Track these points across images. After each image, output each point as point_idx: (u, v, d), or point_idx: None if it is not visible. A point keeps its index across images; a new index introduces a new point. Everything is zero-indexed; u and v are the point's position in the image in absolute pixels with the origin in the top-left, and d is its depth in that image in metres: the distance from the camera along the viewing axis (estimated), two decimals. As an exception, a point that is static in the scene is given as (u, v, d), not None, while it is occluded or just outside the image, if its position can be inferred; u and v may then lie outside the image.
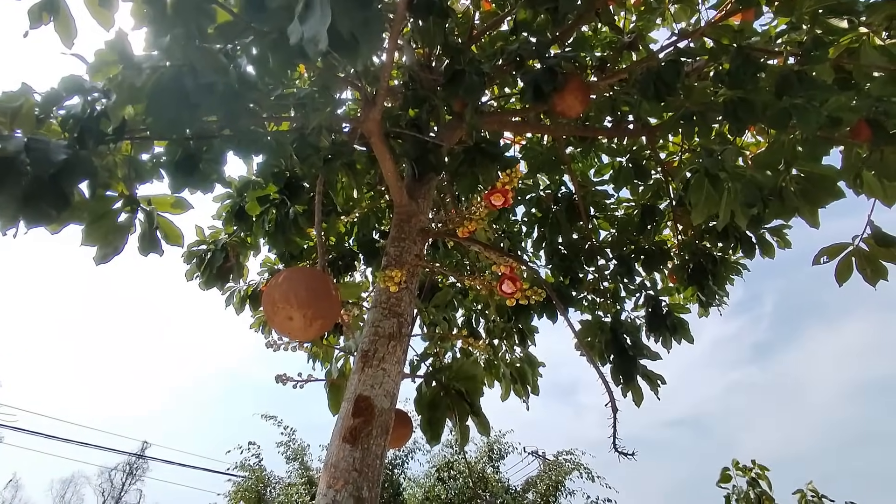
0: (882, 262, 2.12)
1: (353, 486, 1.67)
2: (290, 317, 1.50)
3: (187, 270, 3.07)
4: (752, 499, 4.19)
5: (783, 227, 3.62)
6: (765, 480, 4.30)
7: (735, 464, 4.50)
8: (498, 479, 12.67)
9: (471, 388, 2.27)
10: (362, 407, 1.83)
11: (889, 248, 2.09)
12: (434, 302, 2.56)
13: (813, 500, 4.28)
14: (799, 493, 4.42)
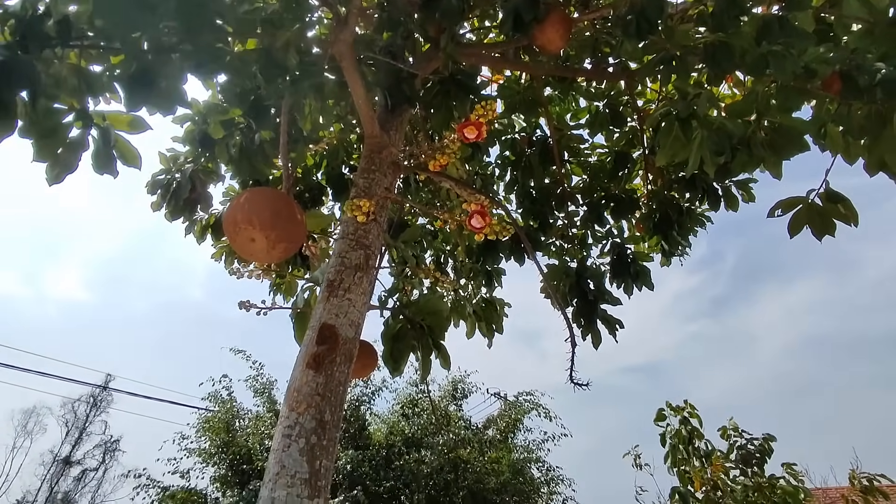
0: (831, 218, 2.19)
1: (316, 410, 1.70)
2: (253, 238, 1.47)
3: (153, 201, 2.95)
4: (683, 435, 4.50)
5: (748, 182, 3.70)
6: (696, 419, 4.61)
7: (669, 405, 4.79)
8: (460, 417, 13.21)
9: (435, 323, 2.30)
10: (326, 335, 1.84)
11: (839, 204, 2.16)
12: (403, 238, 2.54)
13: (733, 435, 4.66)
14: (722, 429, 4.78)
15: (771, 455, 4.45)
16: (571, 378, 2.37)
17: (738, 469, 4.40)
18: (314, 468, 1.62)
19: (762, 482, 4.07)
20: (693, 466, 4.36)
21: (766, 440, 4.48)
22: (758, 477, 4.22)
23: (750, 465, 4.36)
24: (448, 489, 11.75)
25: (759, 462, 4.40)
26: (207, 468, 11.60)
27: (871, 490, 3.95)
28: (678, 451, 4.46)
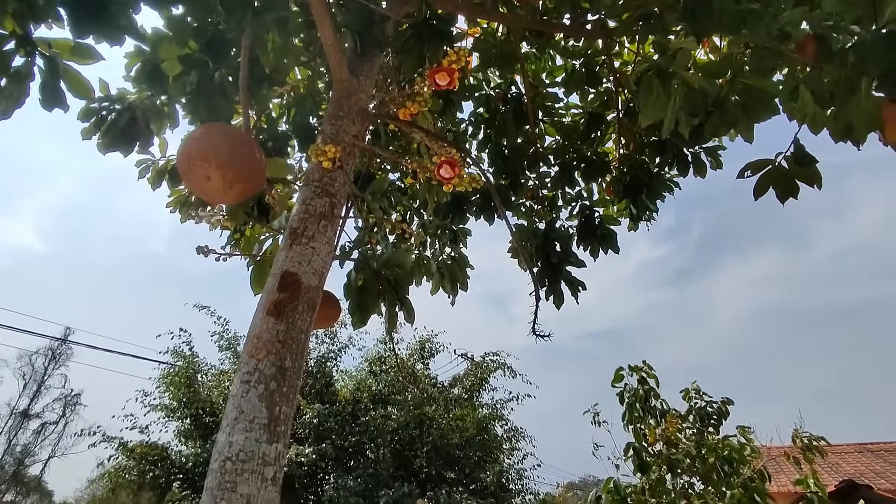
0: (796, 181, 2.23)
1: (276, 357, 1.67)
2: (209, 176, 1.39)
3: (84, 128, 2.72)
4: (640, 394, 4.68)
5: (717, 149, 3.74)
6: (653, 379, 4.79)
7: (629, 366, 4.96)
8: (427, 375, 13.45)
9: (400, 276, 2.28)
10: (288, 282, 1.80)
11: (805, 167, 2.20)
12: (370, 190, 2.49)
13: (694, 397, 4.88)
14: (684, 392, 5.00)
15: (727, 417, 4.69)
16: (534, 331, 2.41)
17: (695, 428, 4.62)
18: (273, 414, 1.60)
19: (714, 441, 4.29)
20: (648, 424, 4.55)
21: (724, 403, 4.71)
22: (711, 436, 4.45)
23: (707, 426, 4.59)
24: (413, 444, 12.06)
25: (716, 423, 4.63)
26: (170, 423, 11.57)
27: (810, 448, 4.22)
28: (634, 409, 4.64)
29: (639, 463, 4.30)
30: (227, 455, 1.50)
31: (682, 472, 4.27)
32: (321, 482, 11.13)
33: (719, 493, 3.96)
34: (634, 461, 4.34)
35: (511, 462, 13.08)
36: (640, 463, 4.30)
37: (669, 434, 4.38)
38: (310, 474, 11.23)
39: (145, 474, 10.71)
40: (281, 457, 1.60)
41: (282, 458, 1.61)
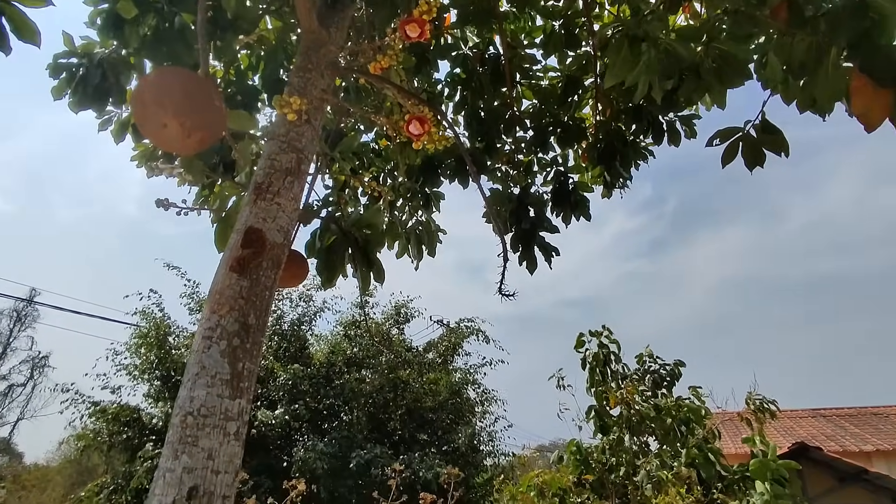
0: (762, 148, 2.26)
1: (239, 313, 1.65)
2: (165, 124, 1.33)
3: (54, 87, 2.62)
4: (600, 359, 4.83)
5: (692, 118, 3.75)
6: (614, 344, 4.94)
7: (590, 332, 5.09)
8: (402, 340, 13.57)
9: (370, 236, 2.26)
10: (252, 238, 1.76)
11: (772, 136, 2.23)
12: (340, 148, 2.43)
13: (648, 361, 5.06)
14: (638, 356, 5.18)
15: (679, 379, 4.88)
16: (500, 291, 2.43)
17: (650, 391, 4.79)
18: (236, 370, 1.59)
19: (669, 403, 4.46)
20: (609, 388, 4.70)
21: (676, 366, 4.89)
22: (666, 398, 4.63)
23: (660, 388, 4.77)
24: (387, 407, 12.26)
25: (669, 385, 4.81)
26: (140, 385, 11.49)
27: (762, 410, 4.42)
28: (595, 373, 4.78)
29: (600, 425, 4.46)
30: (188, 410, 1.49)
31: (641, 433, 4.45)
32: (295, 444, 11.26)
33: (675, 451, 4.14)
34: (596, 423, 4.49)
35: (483, 425, 13.42)
36: (601, 425, 4.46)
37: (628, 397, 4.54)
38: (284, 436, 11.36)
39: (117, 435, 10.68)
40: (244, 412, 1.60)
41: (245, 414, 1.61)
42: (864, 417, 14.78)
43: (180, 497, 1.38)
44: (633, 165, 4.01)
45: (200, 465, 1.44)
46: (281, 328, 12.41)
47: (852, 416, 15.10)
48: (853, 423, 14.35)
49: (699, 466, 4.03)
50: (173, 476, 1.41)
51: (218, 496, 1.45)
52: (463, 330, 13.90)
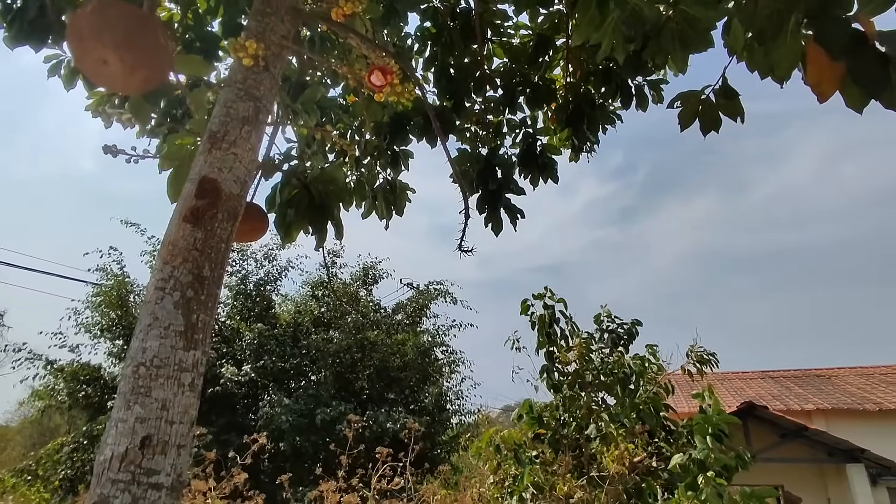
0: (719, 113, 2.30)
1: (193, 265, 1.62)
2: (105, 60, 1.25)
3: None
4: (545, 319, 4.96)
5: (660, 82, 3.77)
6: (560, 303, 5.06)
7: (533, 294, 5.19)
8: (370, 301, 13.60)
9: (331, 190, 2.22)
10: (207, 189, 1.71)
11: (729, 101, 2.26)
12: (302, 99, 2.35)
13: (606, 319, 5.23)
14: (596, 316, 5.35)
15: (636, 338, 5.06)
16: (460, 247, 2.45)
17: (608, 349, 4.97)
18: (190, 321, 1.57)
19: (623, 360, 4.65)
20: (560, 346, 4.86)
21: (633, 325, 5.07)
22: (622, 356, 4.82)
23: (617, 346, 4.96)
24: (355, 367, 12.39)
25: (626, 343, 5.00)
26: (100, 343, 11.27)
27: (703, 361, 4.67)
28: (542, 334, 4.92)
29: (551, 383, 4.63)
30: (140, 360, 1.47)
31: (592, 389, 4.64)
32: (262, 402, 11.32)
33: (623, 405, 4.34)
34: (548, 382, 4.66)
35: (450, 384, 13.74)
36: (551, 383, 4.63)
37: (579, 355, 4.70)
38: (250, 395, 11.39)
39: (76, 393, 10.52)
40: (199, 364, 1.59)
41: (200, 366, 1.60)
42: (808, 379, 15.72)
43: (133, 446, 1.38)
44: (601, 129, 4.03)
45: (154, 416, 1.44)
46: (246, 288, 12.26)
47: (797, 377, 16.04)
48: (797, 385, 15.26)
49: (644, 418, 4.25)
50: (126, 426, 1.40)
51: (173, 445, 1.46)
52: (432, 292, 14.02)
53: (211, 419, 10.77)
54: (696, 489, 3.56)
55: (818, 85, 1.70)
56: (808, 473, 12.28)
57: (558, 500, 4.11)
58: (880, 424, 12.31)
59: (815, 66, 1.77)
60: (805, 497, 12.24)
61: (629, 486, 4.36)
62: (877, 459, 11.11)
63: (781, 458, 11.44)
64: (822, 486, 12.30)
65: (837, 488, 11.93)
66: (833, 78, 1.70)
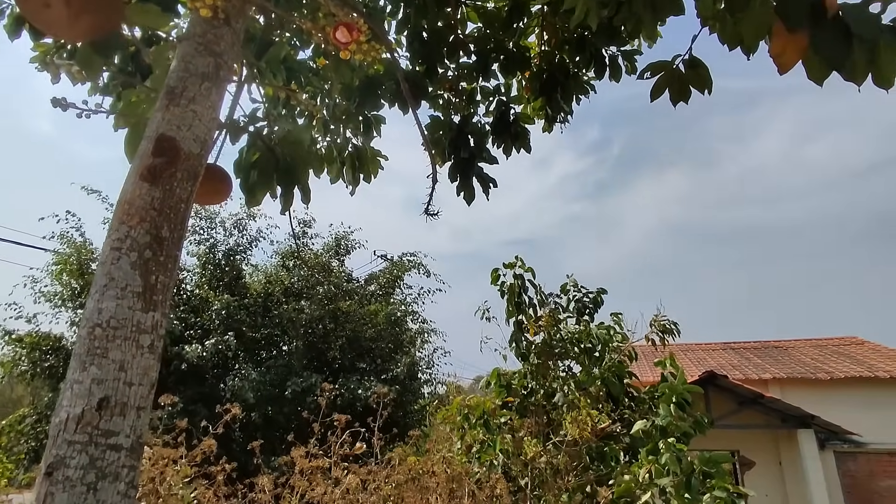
0: (689, 84, 2.31)
1: (151, 225, 1.57)
2: (48, 3, 1.18)
3: None
4: (516, 289, 5.04)
5: (633, 53, 3.76)
6: (529, 272, 5.14)
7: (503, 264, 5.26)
8: (342, 271, 13.53)
9: (297, 154, 2.17)
10: (165, 147, 1.64)
11: (696, 70, 2.28)
12: (267, 57, 2.27)
13: (572, 287, 5.34)
14: (562, 286, 5.45)
15: (601, 306, 5.18)
16: (427, 210, 2.44)
17: (574, 318, 5.08)
18: (149, 282, 1.53)
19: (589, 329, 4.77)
20: (528, 316, 4.94)
21: (598, 294, 5.18)
22: (588, 324, 4.94)
23: (583, 315, 5.07)
24: (327, 337, 12.37)
25: (591, 312, 5.12)
26: (63, 312, 10.95)
27: (666, 330, 4.83)
28: (511, 304, 4.99)
29: (519, 352, 4.73)
30: (95, 321, 1.43)
31: (560, 357, 4.75)
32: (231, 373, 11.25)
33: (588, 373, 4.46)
34: (516, 351, 4.75)
35: (422, 354, 13.87)
36: (520, 352, 4.73)
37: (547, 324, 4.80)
38: (220, 365, 11.30)
39: (39, 363, 10.26)
40: (159, 326, 1.56)
41: (160, 328, 1.56)
42: (766, 350, 16.41)
43: (90, 407, 1.35)
44: (575, 100, 4.02)
45: (111, 377, 1.41)
46: (215, 257, 12.01)
47: (756, 348, 16.73)
48: (756, 355, 15.93)
49: (609, 385, 4.39)
50: (81, 387, 1.37)
51: (132, 407, 1.43)
52: (405, 263, 14.02)
53: (179, 389, 10.68)
54: (656, 454, 3.71)
55: (780, 56, 1.72)
56: (763, 439, 12.94)
57: (524, 464, 4.23)
58: (831, 392, 12.98)
59: (779, 37, 1.79)
60: (759, 461, 12.93)
61: (592, 451, 4.52)
62: (825, 425, 11.75)
63: (738, 425, 12.00)
64: (775, 450, 12.99)
65: (788, 452, 12.61)
66: (795, 49, 1.72)
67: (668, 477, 3.56)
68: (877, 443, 12.42)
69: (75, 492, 1.27)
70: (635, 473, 3.72)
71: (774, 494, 12.61)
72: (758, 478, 12.67)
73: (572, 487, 4.29)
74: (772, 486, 12.72)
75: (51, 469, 1.28)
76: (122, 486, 1.36)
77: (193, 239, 12.02)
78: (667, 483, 3.55)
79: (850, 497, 12.47)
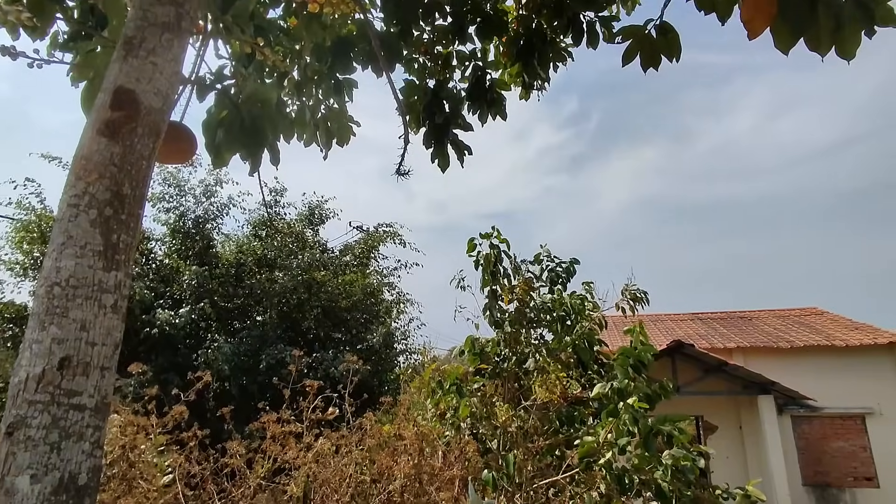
0: (659, 51, 2.31)
1: (111, 181, 1.51)
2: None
3: None
4: (491, 259, 5.07)
5: (611, 19, 3.73)
6: (504, 243, 5.19)
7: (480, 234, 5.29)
8: (317, 241, 13.38)
9: (265, 113, 2.10)
10: (124, 100, 1.57)
11: (666, 36, 2.28)
12: (234, 11, 2.17)
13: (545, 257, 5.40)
14: (535, 256, 5.51)
15: (573, 276, 5.26)
16: (398, 171, 2.42)
17: (546, 287, 5.15)
18: (110, 241, 1.48)
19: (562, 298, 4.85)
20: (503, 285, 5.00)
21: (571, 263, 5.25)
22: (560, 293, 5.02)
23: (556, 284, 5.15)
24: (302, 307, 12.30)
25: (564, 282, 5.20)
26: (25, 282, 10.62)
27: (636, 299, 4.95)
28: (487, 273, 5.03)
29: (493, 320, 4.79)
30: (54, 280, 1.39)
31: (533, 326, 4.84)
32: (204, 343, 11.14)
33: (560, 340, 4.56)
34: (490, 319, 4.81)
35: (398, 325, 13.93)
36: (493, 320, 4.79)
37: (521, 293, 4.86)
38: (192, 335, 11.16)
39: (2, 333, 10.00)
40: (122, 286, 1.52)
41: (124, 288, 1.52)
42: (732, 320, 16.99)
43: (50, 367, 1.32)
44: (552, 67, 3.98)
45: (73, 336, 1.38)
46: (184, 226, 11.72)
47: (723, 318, 17.31)
48: (722, 325, 16.48)
49: (579, 352, 4.50)
50: (41, 347, 1.33)
51: (95, 367, 1.40)
52: (381, 234, 13.94)
53: (151, 359, 10.55)
54: (616, 415, 3.84)
55: (750, 21, 1.73)
56: (726, 404, 13.52)
57: (495, 427, 4.34)
58: (791, 360, 13.58)
59: (750, 3, 1.79)
60: (721, 425, 13.54)
61: (562, 415, 4.66)
62: (784, 391, 12.32)
63: (703, 392, 12.50)
64: (737, 415, 13.60)
65: (749, 417, 13.22)
66: (764, 16, 1.73)
67: (627, 436, 3.69)
68: (830, 407, 13.10)
69: (38, 451, 1.24)
70: (598, 434, 3.85)
71: (735, 457, 13.26)
72: (720, 441, 13.31)
73: (543, 450, 4.43)
74: (733, 449, 13.36)
75: (11, 429, 1.25)
76: (87, 446, 1.34)
77: (162, 206, 11.71)
78: (626, 442, 3.69)
79: (804, 457, 13.19)
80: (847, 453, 13.03)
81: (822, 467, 13.06)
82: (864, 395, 13.04)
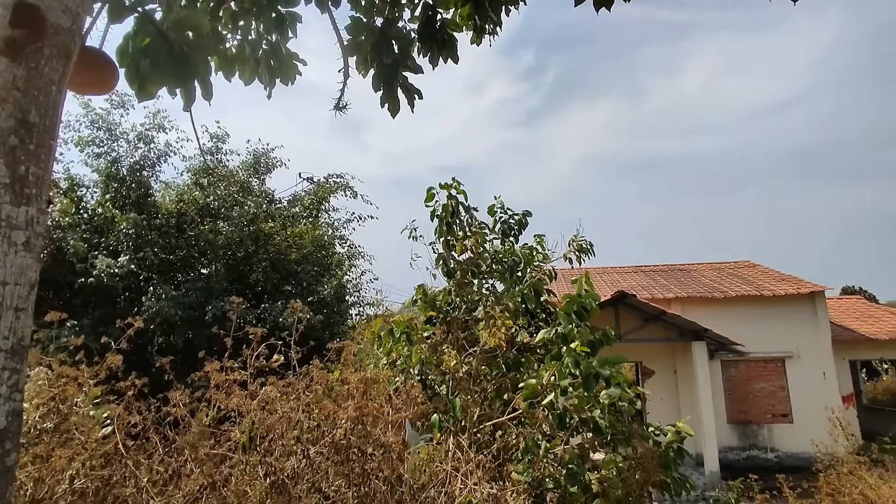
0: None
1: (15, 107, 1.36)
2: None
3: None
4: (449, 209, 5.09)
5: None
6: (461, 195, 5.20)
7: (439, 184, 5.27)
8: (263, 191, 12.92)
9: (194, 41, 1.95)
10: (26, 16, 1.40)
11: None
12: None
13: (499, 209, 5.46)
14: (489, 207, 5.56)
15: (525, 227, 5.34)
16: (337, 107, 2.33)
17: (499, 238, 5.21)
18: (18, 173, 1.36)
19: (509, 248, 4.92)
20: (457, 236, 5.02)
21: (523, 216, 5.32)
22: (513, 245, 5.09)
23: (508, 236, 5.21)
24: (249, 259, 11.99)
25: (516, 234, 5.27)
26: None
27: (582, 250, 5.10)
28: (443, 224, 5.04)
29: (445, 270, 4.82)
30: (-46, 216, 1.27)
31: (484, 276, 4.91)
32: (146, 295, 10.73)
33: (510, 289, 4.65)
34: (443, 269, 4.84)
35: (349, 278, 13.83)
36: (446, 270, 4.82)
37: (474, 244, 4.91)
38: (132, 287, 10.71)
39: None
40: (35, 222, 1.40)
41: (37, 225, 1.41)
42: (673, 273, 17.86)
43: (-45, 308, 1.23)
44: (504, 10, 3.87)
45: (-20, 276, 1.27)
46: (119, 173, 11.01)
47: (664, 271, 18.16)
48: (663, 277, 17.31)
49: (526, 300, 4.62)
50: (-58, 285, 1.23)
51: (9, 308, 1.32)
52: (331, 185, 13.58)
53: (87, 312, 10.09)
54: (560, 359, 4.00)
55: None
56: (663, 351, 14.41)
57: (444, 373, 4.44)
58: (724, 309, 14.51)
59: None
60: (658, 369, 14.47)
61: (510, 361, 4.81)
62: (716, 337, 13.20)
63: (643, 339, 13.23)
64: (672, 360, 14.55)
65: (683, 361, 14.17)
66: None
67: (568, 378, 3.87)
68: (755, 352, 14.20)
69: (-51, 395, 1.17)
70: (541, 377, 4.01)
71: (669, 399, 14.28)
72: (656, 385, 14.26)
73: (490, 394, 4.59)
74: (667, 391, 14.37)
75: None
76: (4, 390, 1.27)
77: (91, 151, 10.90)
78: (567, 384, 3.87)
79: (729, 398, 14.34)
80: (767, 393, 14.26)
81: (745, 406, 14.27)
82: (786, 340, 14.19)
